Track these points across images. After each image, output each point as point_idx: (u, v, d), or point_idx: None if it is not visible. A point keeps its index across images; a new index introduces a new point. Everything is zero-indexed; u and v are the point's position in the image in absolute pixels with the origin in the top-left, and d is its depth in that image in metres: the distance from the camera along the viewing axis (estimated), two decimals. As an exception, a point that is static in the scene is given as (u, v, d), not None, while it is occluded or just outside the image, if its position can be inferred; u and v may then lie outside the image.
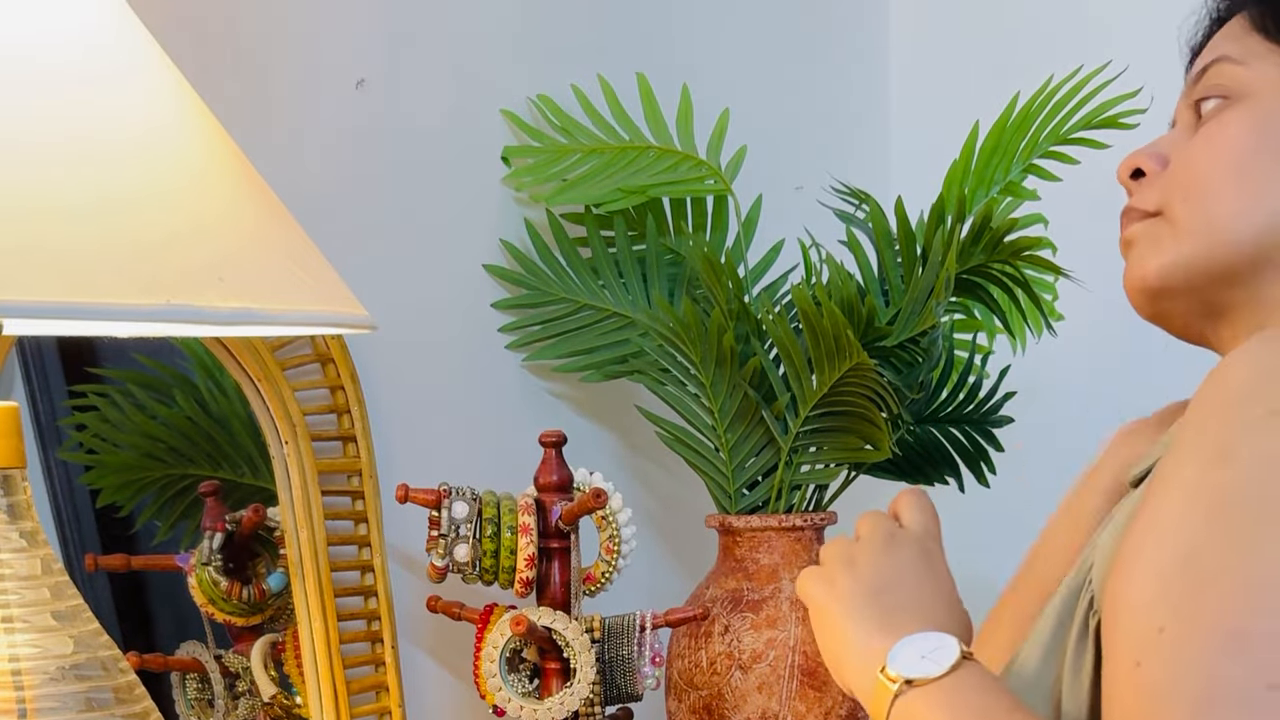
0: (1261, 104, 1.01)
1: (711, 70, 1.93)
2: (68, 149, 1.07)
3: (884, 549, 1.11)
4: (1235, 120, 1.01)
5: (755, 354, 1.63)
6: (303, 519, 1.52)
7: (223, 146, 1.18)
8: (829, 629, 1.08)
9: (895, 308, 1.64)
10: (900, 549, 1.11)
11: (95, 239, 1.04)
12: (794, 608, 1.63)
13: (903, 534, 1.13)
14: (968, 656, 0.99)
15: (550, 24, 1.83)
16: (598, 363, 1.76)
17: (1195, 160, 1.03)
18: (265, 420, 1.51)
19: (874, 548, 1.11)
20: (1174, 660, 0.84)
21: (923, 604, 1.07)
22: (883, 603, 1.07)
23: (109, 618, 1.52)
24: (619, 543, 1.51)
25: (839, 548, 1.12)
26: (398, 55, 1.70)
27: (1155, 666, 0.84)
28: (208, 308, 1.06)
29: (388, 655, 1.58)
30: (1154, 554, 0.88)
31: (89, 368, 1.56)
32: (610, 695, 1.51)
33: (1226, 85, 1.03)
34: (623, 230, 1.76)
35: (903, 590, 1.08)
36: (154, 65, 1.17)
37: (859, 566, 1.10)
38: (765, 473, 1.67)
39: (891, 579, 1.09)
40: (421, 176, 1.72)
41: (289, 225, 1.19)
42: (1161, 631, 0.85)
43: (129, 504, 1.57)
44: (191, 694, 1.56)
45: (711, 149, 1.78)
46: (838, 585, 1.09)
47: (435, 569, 1.47)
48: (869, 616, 1.06)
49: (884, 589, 1.08)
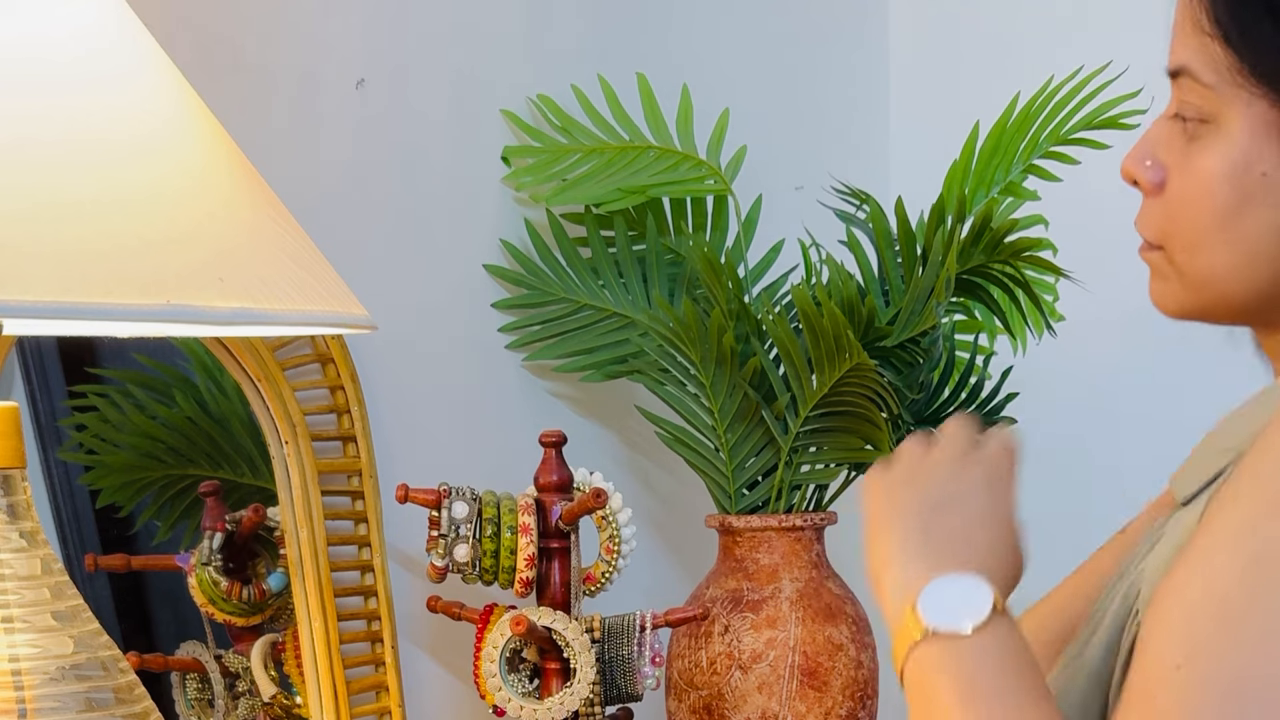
0: (1235, 144, 0.97)
1: (711, 70, 1.93)
2: (68, 149, 1.07)
3: (956, 462, 1.06)
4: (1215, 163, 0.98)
5: (755, 354, 1.63)
6: (303, 519, 1.52)
7: (223, 146, 1.18)
8: (877, 540, 1.04)
9: (895, 308, 1.64)
10: (972, 467, 1.06)
11: (95, 239, 1.04)
12: (794, 608, 1.63)
13: (981, 454, 1.07)
14: (1001, 612, 0.96)
15: (550, 24, 1.83)
16: (598, 363, 1.76)
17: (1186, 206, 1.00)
18: (265, 420, 1.51)
19: (947, 458, 1.07)
20: (1183, 701, 0.84)
21: (974, 536, 1.03)
22: (936, 525, 1.02)
23: (109, 618, 1.52)
24: (619, 543, 1.51)
25: (913, 454, 1.08)
26: (398, 55, 1.70)
27: (1166, 703, 0.84)
28: (207, 308, 1.06)
29: (388, 655, 1.58)
30: (1189, 592, 0.87)
31: (89, 368, 1.56)
32: (610, 695, 1.51)
33: (1199, 106, 0.99)
34: (623, 230, 1.76)
35: (959, 514, 1.03)
36: (154, 65, 1.17)
37: (924, 478, 1.05)
38: (765, 473, 1.67)
39: (952, 498, 1.04)
40: (422, 177, 1.72)
41: (289, 225, 1.19)
42: (1178, 669, 0.85)
43: (129, 504, 1.57)
44: (191, 694, 1.56)
45: (711, 149, 1.78)
46: (897, 497, 1.05)
47: (435, 569, 1.47)
48: (917, 540, 1.01)
49: (941, 507, 1.03)
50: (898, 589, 1.00)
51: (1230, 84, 0.95)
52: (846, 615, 1.65)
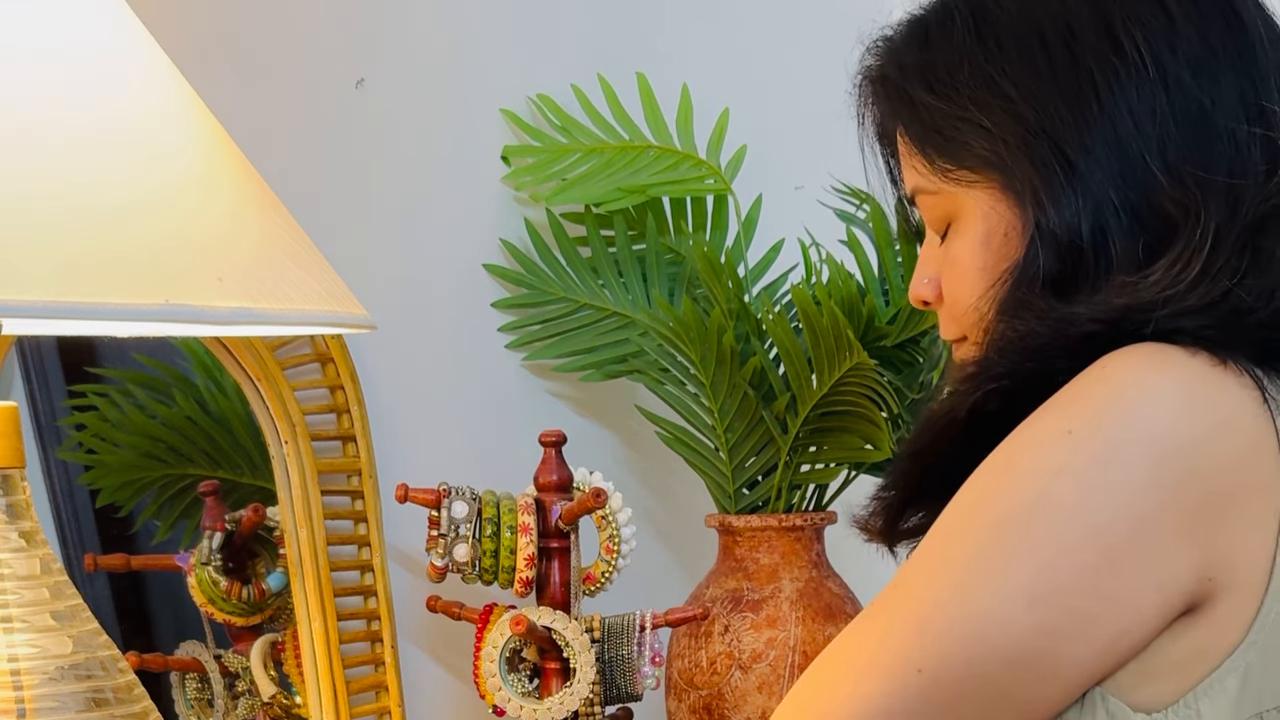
0: (976, 224, 1.11)
1: (711, 70, 1.93)
2: (68, 150, 1.07)
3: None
4: (967, 244, 1.12)
5: (755, 354, 1.63)
6: (302, 519, 1.52)
7: (222, 146, 1.18)
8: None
9: (895, 308, 1.64)
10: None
11: (95, 239, 1.04)
12: (794, 607, 1.63)
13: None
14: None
15: (550, 24, 1.83)
16: (598, 363, 1.76)
17: (959, 296, 1.13)
18: (265, 420, 1.51)
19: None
20: (872, 616, 0.98)
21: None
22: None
23: (109, 618, 1.52)
24: (619, 542, 1.51)
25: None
26: (398, 55, 1.70)
27: (862, 620, 0.98)
28: (206, 308, 1.06)
29: (387, 655, 1.58)
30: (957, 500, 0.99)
31: (89, 368, 1.56)
32: (610, 695, 1.51)
33: (940, 216, 1.14)
34: (623, 230, 1.76)
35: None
36: (154, 66, 1.17)
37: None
38: (765, 472, 1.67)
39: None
40: (422, 176, 1.72)
41: (288, 225, 1.19)
42: (882, 594, 0.99)
43: (129, 504, 1.57)
44: (191, 694, 1.56)
45: (711, 149, 1.78)
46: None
47: (435, 569, 1.47)
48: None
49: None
50: None
51: (951, 183, 1.11)
52: (846, 615, 1.65)
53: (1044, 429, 0.97)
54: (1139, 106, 1.05)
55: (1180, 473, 0.95)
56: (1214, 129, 1.05)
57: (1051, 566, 0.94)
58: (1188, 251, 1.02)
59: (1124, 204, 1.05)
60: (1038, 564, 0.94)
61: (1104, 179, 1.05)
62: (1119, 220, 1.05)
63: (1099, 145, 1.06)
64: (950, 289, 1.14)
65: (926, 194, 1.14)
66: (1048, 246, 1.06)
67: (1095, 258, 1.06)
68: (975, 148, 1.10)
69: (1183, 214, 1.04)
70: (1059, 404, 0.98)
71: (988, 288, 1.10)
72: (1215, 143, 1.05)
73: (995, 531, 0.95)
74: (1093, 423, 0.96)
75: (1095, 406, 0.96)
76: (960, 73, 1.11)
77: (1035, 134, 1.07)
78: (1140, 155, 1.05)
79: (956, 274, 1.13)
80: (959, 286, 1.13)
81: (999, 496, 0.96)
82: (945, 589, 0.96)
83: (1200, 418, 0.96)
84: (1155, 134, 1.05)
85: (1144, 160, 1.05)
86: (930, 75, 1.13)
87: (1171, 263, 1.02)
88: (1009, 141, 1.08)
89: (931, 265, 1.17)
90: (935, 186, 1.13)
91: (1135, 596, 0.95)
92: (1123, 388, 0.96)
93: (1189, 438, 0.95)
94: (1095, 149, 1.06)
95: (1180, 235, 1.03)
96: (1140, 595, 0.95)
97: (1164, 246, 1.04)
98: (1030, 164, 1.07)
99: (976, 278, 1.11)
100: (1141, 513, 0.94)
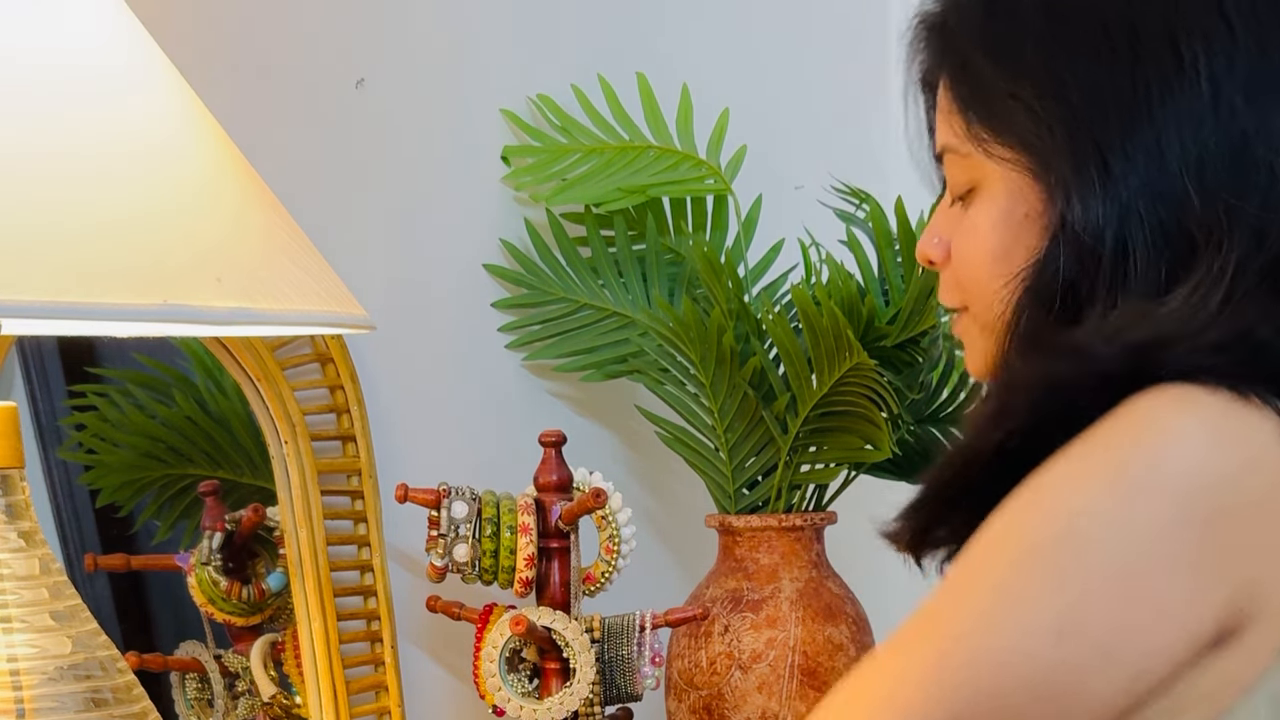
0: (999, 197, 1.11)
1: (711, 70, 1.93)
2: (67, 151, 1.07)
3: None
4: (985, 217, 1.11)
5: (755, 354, 1.63)
6: (302, 519, 1.52)
7: (221, 147, 1.18)
8: None
9: (895, 308, 1.64)
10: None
11: (94, 240, 1.04)
12: (794, 607, 1.63)
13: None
14: None
15: (550, 24, 1.83)
16: (598, 363, 1.76)
17: (969, 262, 1.13)
18: (265, 420, 1.51)
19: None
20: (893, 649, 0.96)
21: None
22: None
23: (109, 618, 1.52)
24: (619, 543, 1.51)
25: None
26: (398, 55, 1.70)
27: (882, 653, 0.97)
28: (205, 308, 1.06)
29: (387, 655, 1.58)
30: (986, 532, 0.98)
31: (89, 368, 1.56)
32: (610, 695, 1.51)
33: (964, 178, 1.13)
34: (623, 230, 1.76)
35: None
36: (154, 67, 1.17)
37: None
38: (765, 472, 1.67)
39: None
40: (421, 176, 1.72)
41: (287, 225, 1.19)
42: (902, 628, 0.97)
43: (129, 504, 1.57)
44: (191, 694, 1.56)
45: (711, 149, 1.78)
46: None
47: (435, 569, 1.47)
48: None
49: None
50: None
51: (984, 153, 1.11)
52: (846, 615, 1.65)
53: (1068, 473, 0.97)
54: (1186, 123, 1.05)
55: (1209, 510, 0.94)
56: (1254, 158, 1.04)
57: (1079, 601, 0.93)
58: (1207, 280, 1.02)
59: (1152, 218, 1.05)
60: (1066, 598, 0.94)
61: (1137, 188, 1.05)
62: (1144, 233, 1.05)
63: (1140, 153, 1.05)
64: (961, 252, 1.14)
65: (956, 154, 1.13)
66: (1069, 246, 1.06)
67: (1114, 269, 1.05)
68: (1018, 126, 1.09)
69: (1206, 239, 1.04)
70: (1083, 450, 0.97)
71: (1003, 275, 1.10)
72: (1253, 172, 1.04)
73: (1021, 566, 0.95)
74: (1118, 466, 0.95)
75: (1120, 451, 0.96)
76: (1022, 46, 1.09)
77: (1081, 129, 1.07)
78: (1178, 171, 1.05)
79: (971, 240, 1.12)
80: (971, 251, 1.12)
81: (1024, 533, 0.96)
82: (968, 621, 0.95)
83: (1228, 456, 0.95)
84: (1196, 152, 1.05)
85: (1181, 177, 1.05)
86: (991, 40, 1.11)
87: (1191, 291, 1.02)
88: (1054, 130, 1.07)
89: (944, 227, 1.16)
90: (967, 150, 1.12)
91: (1163, 633, 0.94)
92: (1148, 431, 0.96)
93: (1217, 476, 0.95)
94: (1135, 156, 1.05)
95: (1201, 262, 1.03)
96: (1168, 632, 0.94)
97: (1184, 271, 1.04)
98: (1069, 158, 1.07)
99: (990, 250, 1.11)
100: (1169, 551, 0.94)
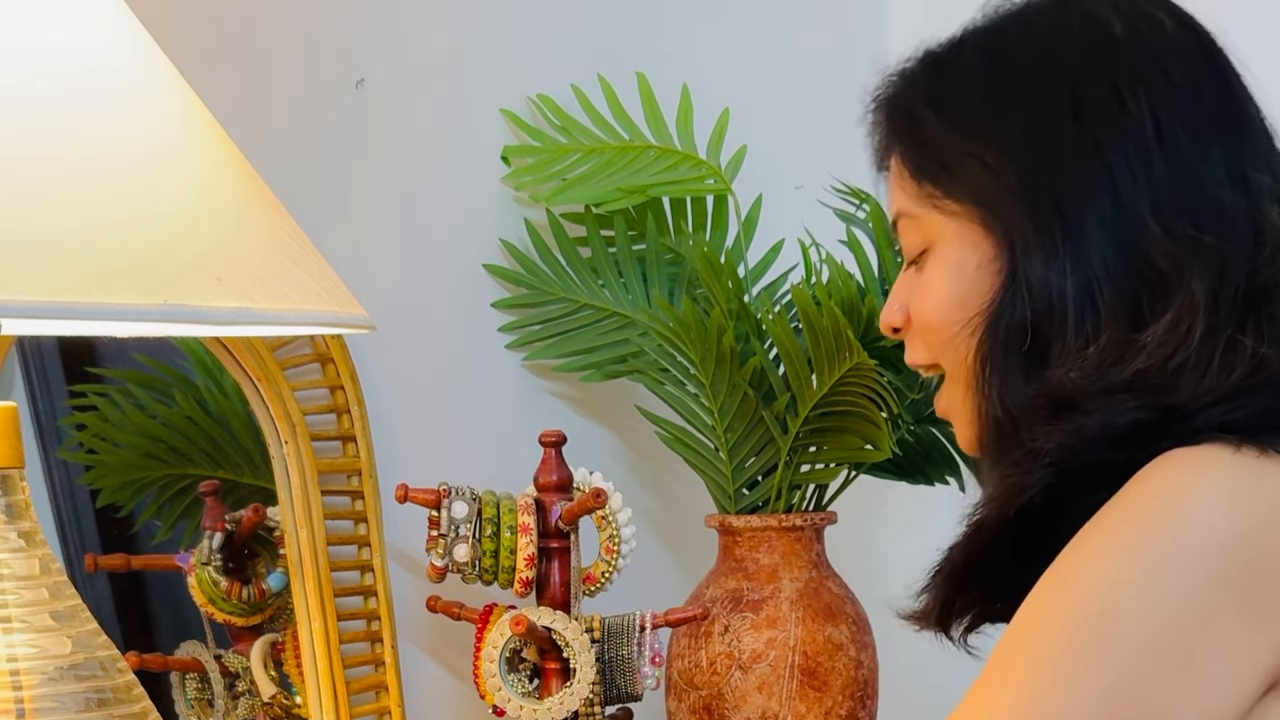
0: (950, 253, 1.13)
1: (711, 70, 1.93)
2: (67, 151, 1.07)
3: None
4: (940, 272, 1.14)
5: (755, 354, 1.63)
6: (302, 519, 1.52)
7: (221, 147, 1.18)
8: None
9: (895, 308, 1.64)
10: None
11: (94, 239, 1.04)
12: (794, 607, 1.63)
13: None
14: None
15: (550, 24, 1.83)
16: (598, 363, 1.76)
17: (925, 312, 1.16)
18: (265, 420, 1.51)
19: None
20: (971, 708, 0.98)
21: None
22: None
23: (109, 618, 1.52)
24: (619, 543, 1.51)
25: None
26: (398, 55, 1.70)
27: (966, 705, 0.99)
28: (205, 308, 1.06)
29: (387, 655, 1.58)
30: (1008, 638, 1.00)
31: (89, 368, 1.56)
32: (610, 695, 1.51)
33: (918, 242, 1.16)
34: (623, 230, 1.76)
35: None
36: (154, 67, 1.17)
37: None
38: (765, 472, 1.67)
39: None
40: (421, 176, 1.72)
41: (287, 225, 1.19)
42: (957, 711, 0.99)
43: (129, 504, 1.57)
44: (191, 694, 1.56)
45: (711, 149, 1.78)
46: None
47: (435, 569, 1.47)
48: None
49: None
50: None
51: (935, 210, 1.13)
52: (846, 615, 1.65)
53: (1096, 548, 0.98)
54: (1136, 158, 1.08)
55: (1238, 565, 0.96)
56: (1203, 192, 1.07)
57: (1129, 669, 0.95)
58: (1187, 313, 1.04)
59: (1116, 254, 1.07)
60: (1116, 669, 0.95)
61: (1095, 229, 1.08)
62: (1108, 271, 1.07)
63: (1093, 194, 1.08)
64: (919, 309, 1.16)
65: (908, 218, 1.16)
66: (1025, 292, 1.09)
67: (1080, 306, 1.07)
68: (968, 180, 1.12)
69: (1174, 268, 1.06)
70: (1106, 522, 0.99)
71: (960, 320, 1.12)
72: (1205, 205, 1.07)
73: (1069, 642, 0.96)
74: (1143, 535, 0.97)
75: (1143, 520, 0.97)
76: (970, 103, 1.13)
77: (1032, 175, 1.10)
78: (1133, 204, 1.07)
79: (926, 294, 1.15)
80: (927, 303, 1.15)
81: (1063, 612, 0.97)
82: (1022, 702, 0.95)
83: (1250, 509, 0.97)
84: (1149, 185, 1.07)
85: (1136, 210, 1.07)
86: (940, 99, 1.15)
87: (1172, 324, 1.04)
88: (1006, 182, 1.10)
89: (902, 294, 1.20)
90: (918, 211, 1.15)
91: (1215, 689, 0.96)
92: (1167, 497, 0.98)
93: (1240, 531, 0.96)
94: (1090, 195, 1.08)
95: (1174, 292, 1.05)
96: (1220, 687, 0.96)
97: (1157, 301, 1.06)
98: (1021, 209, 1.10)
99: (945, 298, 1.13)
100: (1205, 610, 0.95)
